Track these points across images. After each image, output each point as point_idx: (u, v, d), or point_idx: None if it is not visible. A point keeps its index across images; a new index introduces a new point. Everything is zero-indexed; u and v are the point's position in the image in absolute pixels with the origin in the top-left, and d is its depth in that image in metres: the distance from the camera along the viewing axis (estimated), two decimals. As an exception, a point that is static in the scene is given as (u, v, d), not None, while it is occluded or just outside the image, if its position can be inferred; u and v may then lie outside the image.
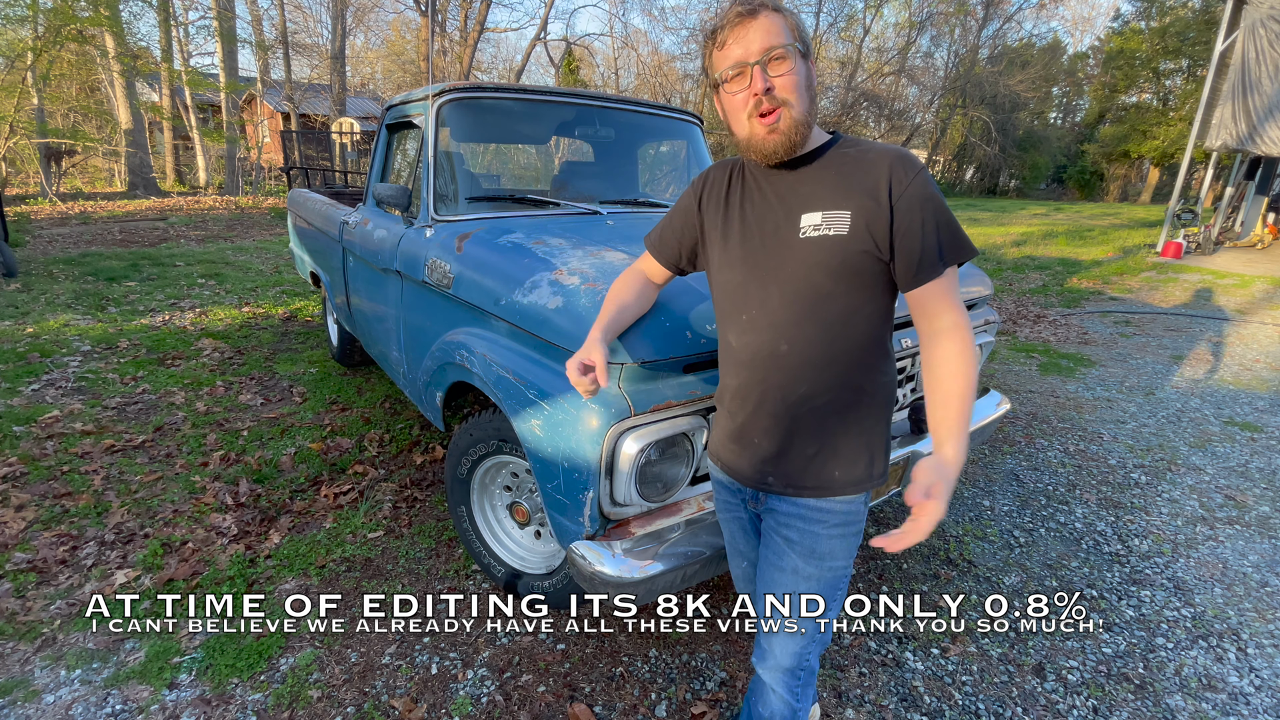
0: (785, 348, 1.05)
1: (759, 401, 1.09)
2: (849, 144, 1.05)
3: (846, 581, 1.17)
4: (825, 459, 1.08)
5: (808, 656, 1.19)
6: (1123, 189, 29.30)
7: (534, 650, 1.81)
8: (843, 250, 0.99)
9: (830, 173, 1.02)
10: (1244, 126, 9.15)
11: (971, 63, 25.19)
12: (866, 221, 0.98)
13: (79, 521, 2.27)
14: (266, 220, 10.67)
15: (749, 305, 1.08)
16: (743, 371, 1.10)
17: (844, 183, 1.00)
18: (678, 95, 19.95)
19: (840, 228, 0.99)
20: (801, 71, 0.99)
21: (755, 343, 1.08)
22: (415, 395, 2.33)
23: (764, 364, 1.07)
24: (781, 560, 1.14)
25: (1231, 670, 1.84)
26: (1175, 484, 2.91)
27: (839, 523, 1.11)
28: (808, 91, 1.00)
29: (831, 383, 1.05)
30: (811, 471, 1.09)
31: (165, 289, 5.66)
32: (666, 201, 2.76)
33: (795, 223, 1.02)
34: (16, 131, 10.20)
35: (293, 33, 17.24)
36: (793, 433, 1.08)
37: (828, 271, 1.00)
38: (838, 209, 0.99)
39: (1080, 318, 6.10)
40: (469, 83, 2.36)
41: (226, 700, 1.60)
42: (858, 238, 0.98)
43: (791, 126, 0.99)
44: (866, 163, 1.00)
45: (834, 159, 1.03)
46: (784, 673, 1.21)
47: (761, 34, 0.97)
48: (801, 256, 1.01)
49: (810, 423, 1.07)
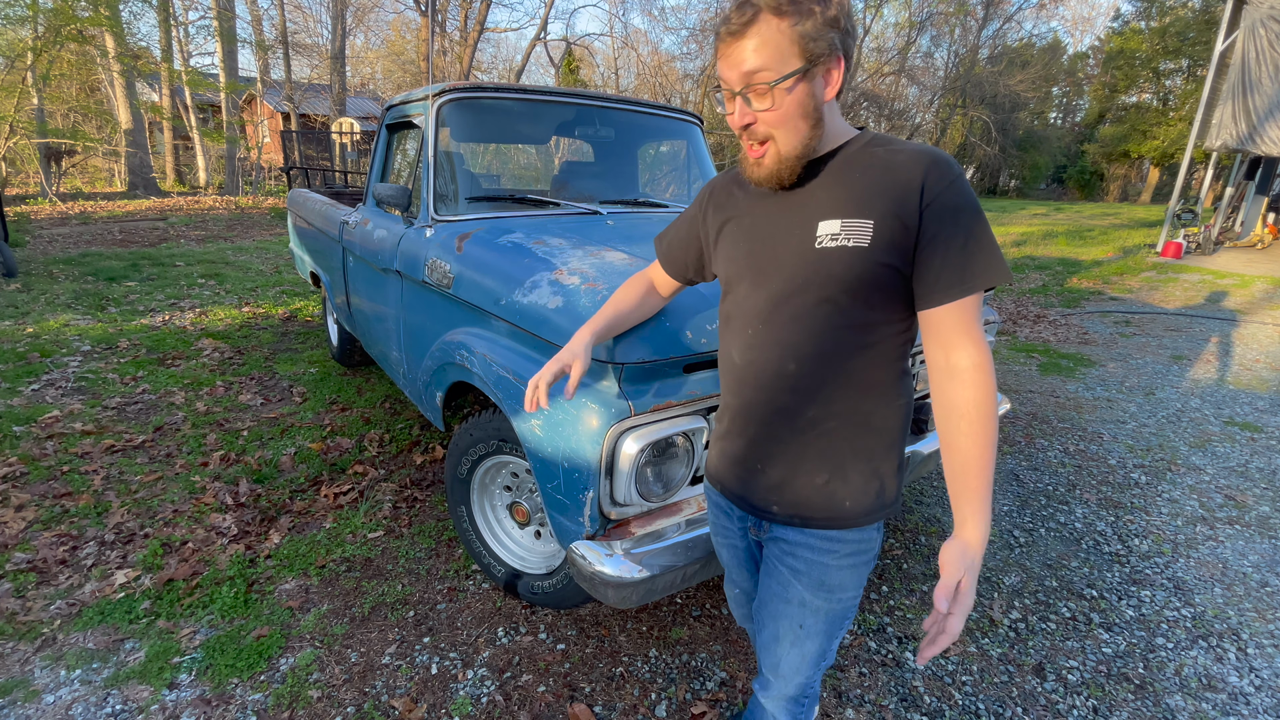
0: (793, 367, 0.95)
1: (763, 423, 1.00)
2: (879, 143, 0.92)
3: (855, 609, 1.09)
4: (835, 488, 0.98)
5: (812, 684, 1.14)
6: (1123, 189, 29.29)
7: (534, 650, 1.81)
8: (863, 263, 0.88)
9: (854, 175, 0.90)
10: (1244, 126, 9.14)
11: (971, 63, 25.18)
12: (892, 232, 0.87)
13: (79, 521, 2.27)
14: (266, 220, 10.67)
15: (755, 320, 0.98)
16: (746, 391, 1.01)
17: (869, 187, 0.88)
18: (678, 95, 19.95)
19: (862, 238, 0.88)
20: (795, 99, 0.86)
21: (760, 360, 0.98)
22: (415, 395, 2.33)
23: (770, 384, 0.98)
24: (788, 592, 1.05)
25: (1231, 670, 1.84)
26: (1175, 484, 2.91)
27: (850, 553, 1.02)
28: (806, 118, 0.88)
29: (842, 407, 0.96)
30: (820, 502, 0.99)
31: (165, 289, 5.66)
32: (666, 201, 2.76)
33: (811, 231, 0.91)
34: (16, 131, 10.19)
35: (293, 33, 17.24)
36: (800, 458, 0.99)
37: (844, 286, 0.90)
38: (860, 217, 0.88)
39: (1080, 318, 6.10)
40: (469, 83, 2.36)
41: (226, 700, 1.60)
42: (881, 249, 0.87)
43: (778, 163, 0.90)
44: (897, 165, 0.88)
45: (859, 159, 0.91)
46: (788, 700, 1.16)
47: (746, 58, 0.85)
48: (816, 268, 0.91)
49: (819, 448, 0.97)
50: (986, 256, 0.86)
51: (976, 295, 0.86)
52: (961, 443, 0.87)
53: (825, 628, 1.06)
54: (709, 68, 18.16)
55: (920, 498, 2.71)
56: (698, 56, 20.08)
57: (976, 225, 0.86)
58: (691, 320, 1.51)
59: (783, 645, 1.09)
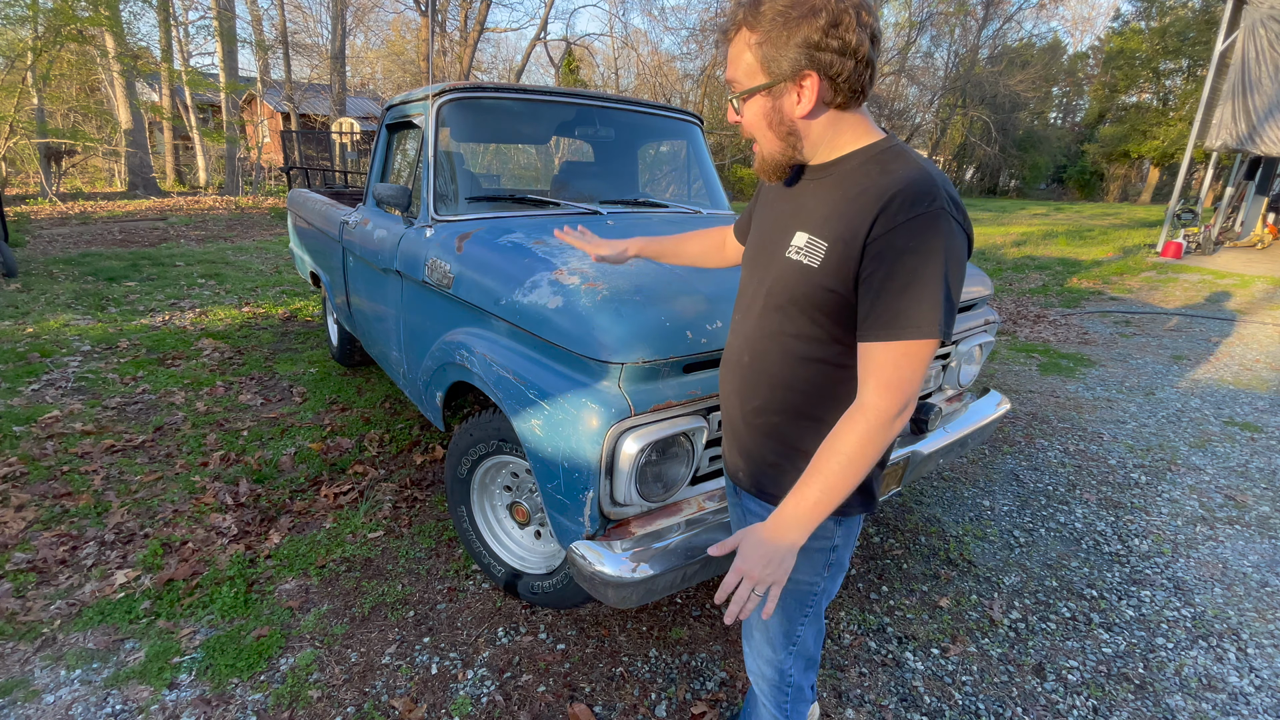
0: (748, 359, 1.03)
1: (726, 403, 1.11)
2: (881, 159, 0.90)
3: (816, 600, 1.11)
4: (785, 471, 1.02)
5: (788, 670, 1.17)
6: (1123, 189, 29.29)
7: (534, 650, 1.81)
8: (809, 282, 0.91)
9: (840, 190, 0.90)
10: (1244, 126, 9.15)
11: (971, 63, 25.19)
12: (839, 258, 0.87)
13: (79, 521, 2.27)
14: (266, 220, 10.67)
15: (739, 308, 1.08)
16: (723, 370, 1.12)
17: (836, 208, 0.89)
18: (678, 95, 19.95)
19: (814, 259, 0.90)
20: (758, 112, 0.91)
21: (731, 345, 1.09)
22: (415, 395, 2.33)
23: (730, 368, 1.08)
24: None
25: (1231, 670, 1.84)
26: (1175, 484, 2.91)
27: None
28: (773, 130, 0.91)
29: (786, 406, 1.00)
30: (771, 478, 1.05)
31: (165, 289, 5.66)
32: (666, 201, 2.76)
33: (789, 238, 0.95)
34: (16, 131, 10.19)
35: (293, 33, 17.24)
36: (751, 439, 1.06)
37: (793, 298, 0.94)
38: (821, 237, 0.90)
39: (1080, 318, 6.10)
40: (469, 83, 2.36)
41: (226, 700, 1.60)
42: (826, 273, 0.89)
43: (763, 161, 0.96)
44: (867, 191, 0.86)
45: (857, 174, 0.90)
46: (769, 684, 1.20)
47: (729, 65, 0.92)
48: (779, 275, 0.96)
49: (768, 435, 1.03)
50: (923, 305, 0.81)
51: (905, 343, 0.83)
52: (827, 460, 0.87)
53: (782, 606, 1.10)
54: (709, 68, 18.16)
55: (920, 498, 2.71)
56: (698, 56, 20.09)
57: (923, 270, 0.81)
58: (691, 320, 1.51)
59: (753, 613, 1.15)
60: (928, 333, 0.82)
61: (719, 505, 1.57)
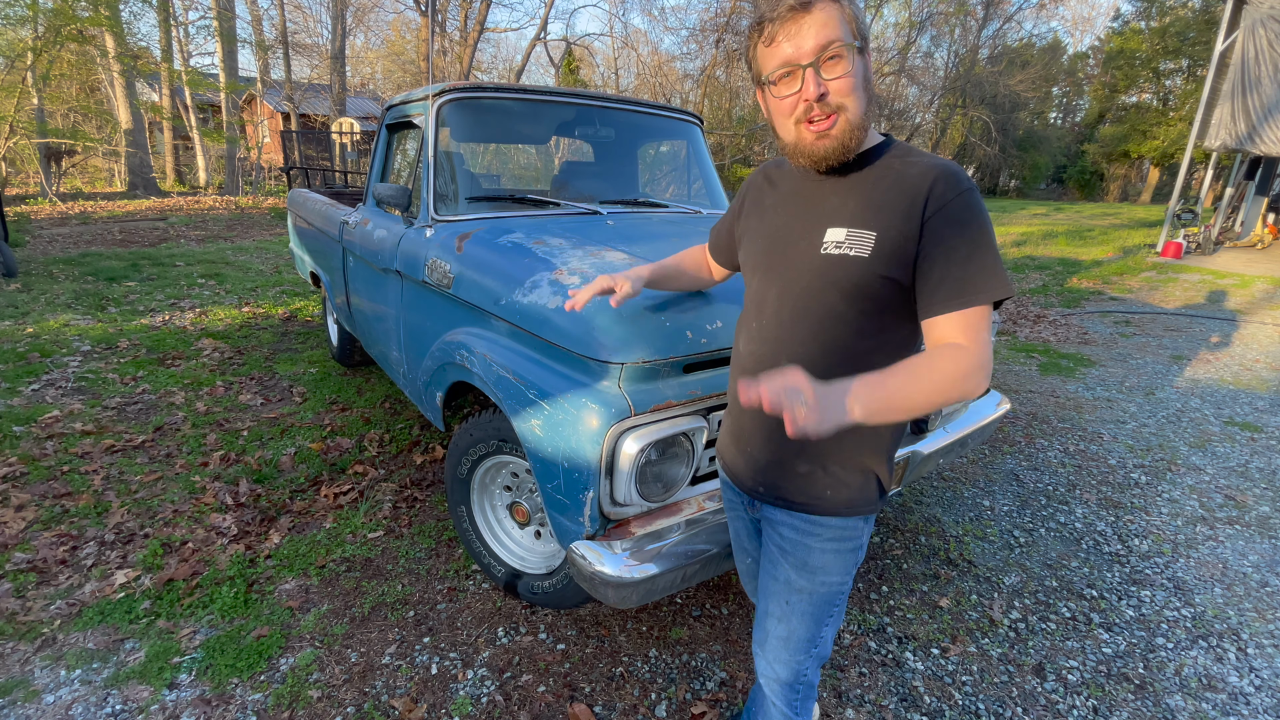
0: (784, 364, 0.97)
1: (753, 412, 1.05)
2: (898, 153, 0.95)
3: (844, 598, 1.11)
4: (816, 478, 1.02)
5: (805, 671, 1.16)
6: (1123, 189, 29.30)
7: (534, 650, 1.81)
8: (861, 273, 0.91)
9: (866, 185, 0.93)
10: (1244, 126, 9.15)
11: (971, 63, 25.19)
12: (893, 244, 0.89)
13: (79, 521, 2.27)
14: (266, 220, 10.67)
15: (761, 314, 1.04)
16: (740, 378, 1.06)
17: (878, 199, 0.92)
18: (678, 95, 19.94)
19: (862, 249, 0.91)
20: (859, 70, 0.89)
21: (759, 352, 1.04)
22: (415, 395, 2.33)
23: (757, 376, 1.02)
24: (775, 570, 1.11)
25: (1231, 670, 1.84)
26: (1175, 484, 2.91)
27: (832, 538, 1.05)
28: (865, 91, 0.91)
29: None
30: (798, 487, 1.04)
31: (165, 289, 5.66)
32: (666, 201, 2.76)
33: (819, 236, 0.95)
34: (16, 131, 10.19)
35: (293, 33, 17.24)
36: (784, 450, 1.03)
37: (842, 293, 0.93)
38: (864, 228, 0.91)
39: (1080, 318, 6.10)
40: (469, 83, 2.36)
41: (226, 700, 1.60)
42: (880, 261, 0.90)
43: (846, 131, 0.91)
44: (908, 177, 0.90)
45: (876, 170, 0.94)
46: (781, 685, 1.19)
47: (816, 30, 0.87)
48: (819, 272, 0.95)
49: (804, 444, 1.01)
50: (988, 271, 0.86)
51: (978, 309, 0.87)
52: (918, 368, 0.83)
53: (811, 610, 1.09)
54: (709, 68, 18.14)
55: (920, 498, 2.71)
56: (698, 56, 20.09)
57: (981, 239, 0.87)
58: (691, 320, 1.51)
59: (771, 620, 1.13)
60: (1004, 289, 0.87)
61: (719, 505, 1.57)
